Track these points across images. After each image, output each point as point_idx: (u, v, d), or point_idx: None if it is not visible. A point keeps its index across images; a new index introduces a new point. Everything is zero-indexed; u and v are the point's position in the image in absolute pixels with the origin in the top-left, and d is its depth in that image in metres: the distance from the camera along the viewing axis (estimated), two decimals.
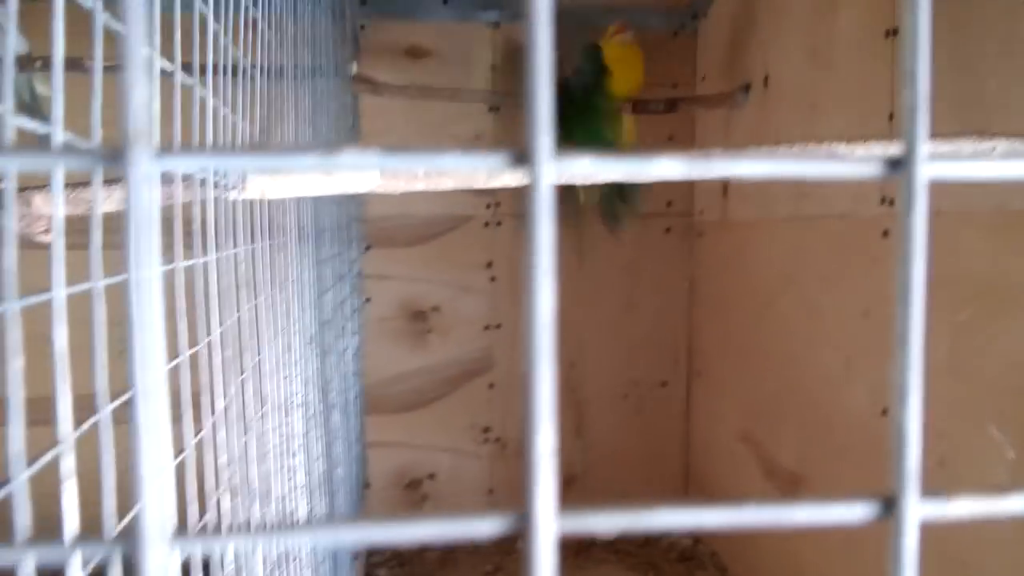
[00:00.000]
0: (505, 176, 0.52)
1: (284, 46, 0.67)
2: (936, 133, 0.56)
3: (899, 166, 0.16)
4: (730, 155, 0.16)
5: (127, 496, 0.17)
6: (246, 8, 0.53)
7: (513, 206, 1.69)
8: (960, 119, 0.92)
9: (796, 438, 1.32)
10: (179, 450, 0.41)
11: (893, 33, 1.03)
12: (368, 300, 1.67)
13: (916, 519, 0.16)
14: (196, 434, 0.43)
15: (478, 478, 1.75)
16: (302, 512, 0.70)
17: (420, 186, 0.51)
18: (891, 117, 1.04)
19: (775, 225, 1.36)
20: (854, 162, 0.16)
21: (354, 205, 1.41)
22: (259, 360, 0.54)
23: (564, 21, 1.42)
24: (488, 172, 0.52)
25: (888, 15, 1.04)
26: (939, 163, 0.16)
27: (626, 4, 1.66)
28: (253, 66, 0.55)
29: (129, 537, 0.13)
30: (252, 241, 0.51)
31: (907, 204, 0.16)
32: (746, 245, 1.49)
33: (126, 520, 0.29)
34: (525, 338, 0.14)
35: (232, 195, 0.47)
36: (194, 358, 0.44)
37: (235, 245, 0.47)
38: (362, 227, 1.60)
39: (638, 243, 1.73)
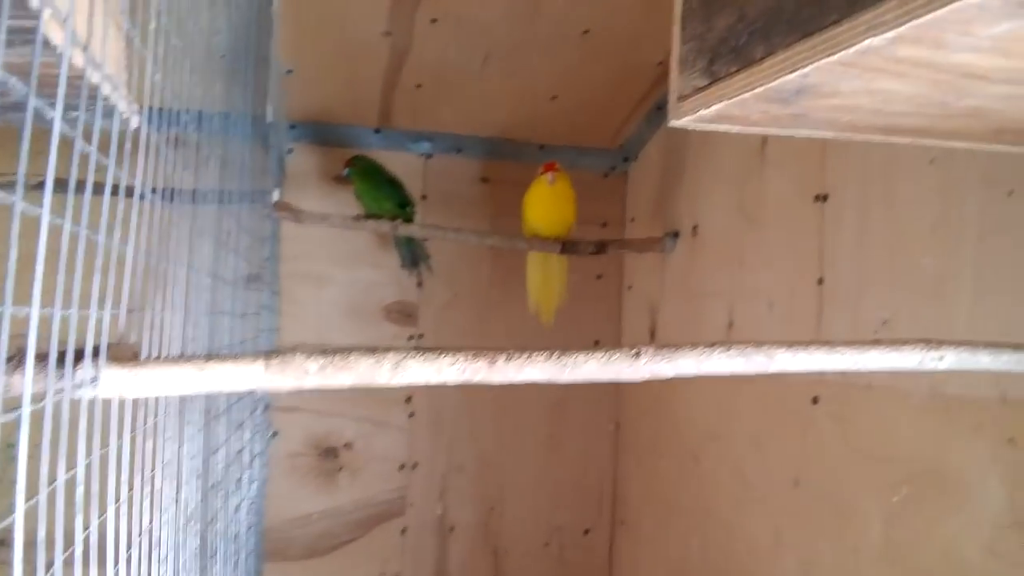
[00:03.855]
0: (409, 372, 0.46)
1: (185, 170, 0.61)
2: (887, 332, 0.52)
3: None
4: None
5: None
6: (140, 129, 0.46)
7: (436, 339, 1.63)
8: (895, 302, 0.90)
9: None
10: None
11: (823, 199, 1.02)
12: (275, 434, 1.56)
13: None
14: None
15: None
16: None
17: (312, 383, 0.44)
18: (820, 281, 1.02)
19: (702, 377, 1.32)
20: None
21: (265, 334, 1.33)
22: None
23: (498, 157, 1.40)
24: (392, 367, 0.45)
25: (817, 180, 1.04)
26: None
27: (558, 144, 1.66)
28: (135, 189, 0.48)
29: None
30: (115, 438, 0.43)
31: None
32: (673, 394, 1.45)
33: None
34: None
35: (80, 394, 0.39)
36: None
37: (88, 451, 0.40)
38: None
39: None
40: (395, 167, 1.54)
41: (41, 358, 0.39)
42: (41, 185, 0.35)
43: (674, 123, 0.54)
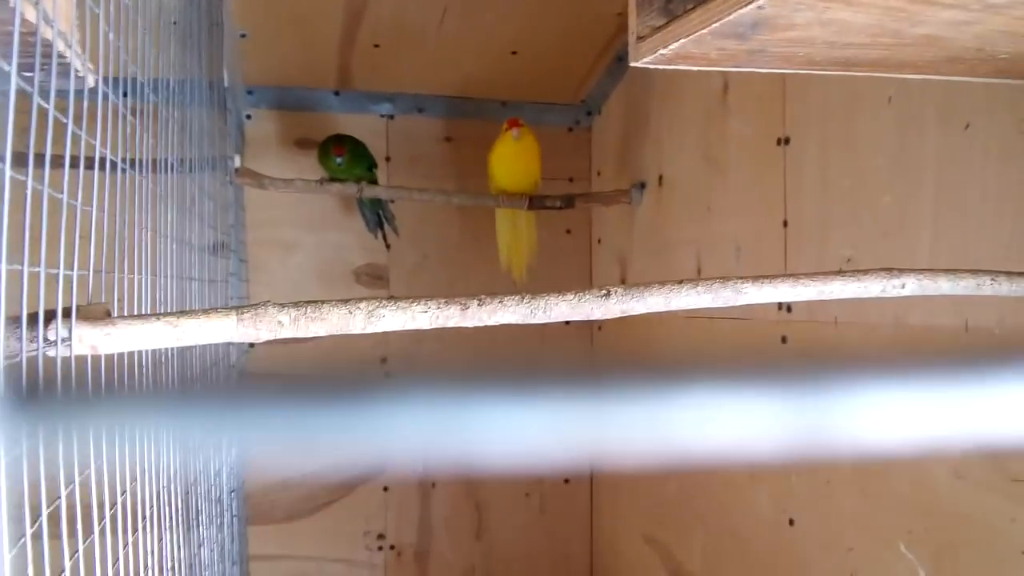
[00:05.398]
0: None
1: (145, 135, 0.60)
2: (851, 268, 0.53)
3: None
4: None
5: None
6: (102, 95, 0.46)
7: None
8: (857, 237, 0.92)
9: (702, 543, 1.28)
10: None
11: (785, 142, 1.03)
12: None
13: None
14: None
15: None
16: None
17: (286, 333, 0.44)
18: (785, 223, 1.04)
19: (672, 322, 1.34)
20: None
21: (234, 301, 1.32)
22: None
23: (460, 115, 1.39)
24: (365, 316, 0.46)
25: (778, 123, 1.05)
26: None
27: (521, 99, 1.65)
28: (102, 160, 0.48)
29: None
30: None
31: None
32: (644, 341, 1.46)
33: None
34: None
35: (53, 352, 0.39)
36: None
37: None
38: None
39: (538, 333, 1.68)
40: (357, 130, 1.53)
41: (13, 320, 0.39)
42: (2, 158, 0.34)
43: (634, 64, 0.54)
